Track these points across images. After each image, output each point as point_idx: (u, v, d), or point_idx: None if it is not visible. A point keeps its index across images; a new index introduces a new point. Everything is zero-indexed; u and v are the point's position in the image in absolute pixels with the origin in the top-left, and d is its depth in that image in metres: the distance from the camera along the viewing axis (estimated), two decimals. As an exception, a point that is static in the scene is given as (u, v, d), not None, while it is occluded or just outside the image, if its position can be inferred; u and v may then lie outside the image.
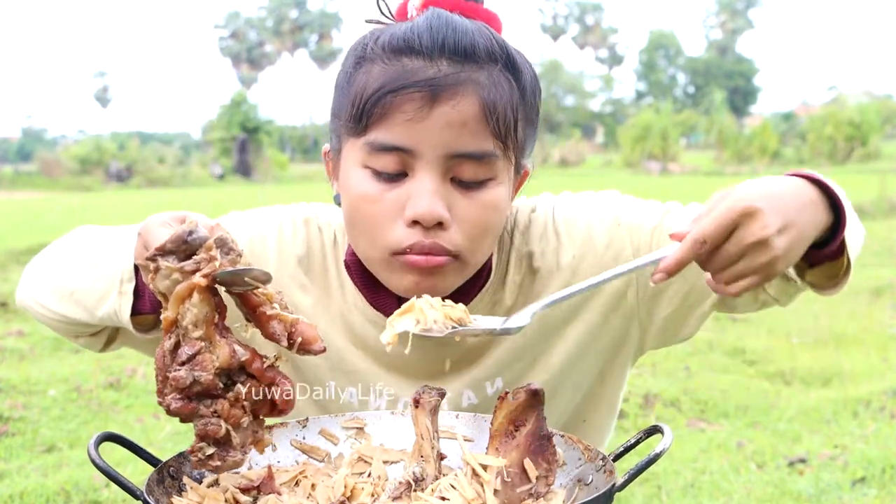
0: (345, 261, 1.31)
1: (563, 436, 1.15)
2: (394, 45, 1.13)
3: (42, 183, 28.14)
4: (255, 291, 1.01)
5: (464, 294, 1.26)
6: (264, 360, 1.04)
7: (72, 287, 1.23)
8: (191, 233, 0.98)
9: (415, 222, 1.13)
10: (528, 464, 1.05)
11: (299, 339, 1.02)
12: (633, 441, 1.15)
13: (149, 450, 1.17)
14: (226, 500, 1.07)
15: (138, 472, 3.17)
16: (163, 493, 1.06)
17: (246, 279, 0.99)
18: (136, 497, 1.04)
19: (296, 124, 51.65)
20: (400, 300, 1.20)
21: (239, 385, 1.02)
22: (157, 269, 0.98)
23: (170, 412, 0.99)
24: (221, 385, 1.01)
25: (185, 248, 0.98)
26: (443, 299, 1.09)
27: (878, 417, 3.93)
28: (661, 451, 1.03)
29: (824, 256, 1.12)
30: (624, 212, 1.31)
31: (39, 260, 1.32)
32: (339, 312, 1.31)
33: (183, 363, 0.98)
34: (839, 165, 26.39)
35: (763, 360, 4.99)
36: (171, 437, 3.85)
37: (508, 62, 1.14)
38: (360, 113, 1.13)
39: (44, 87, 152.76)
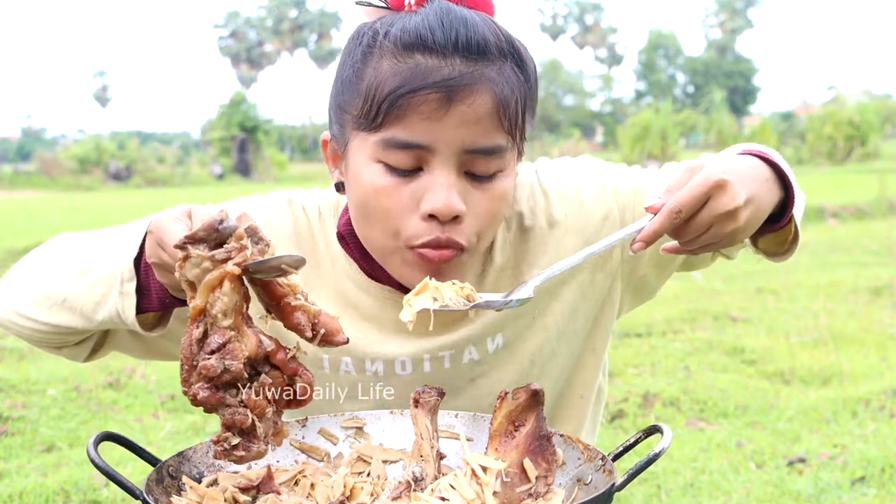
0: (338, 232, 1.33)
1: (562, 436, 1.15)
2: (405, 41, 1.13)
3: (41, 182, 28.14)
4: (279, 282, 1.01)
5: None
6: (287, 351, 1.04)
7: (63, 294, 1.21)
8: (221, 221, 0.97)
9: (431, 216, 1.15)
10: (527, 464, 1.05)
11: (322, 331, 1.02)
12: (632, 441, 1.15)
13: (148, 449, 1.17)
14: (225, 500, 1.07)
15: (137, 472, 3.17)
16: (162, 492, 1.06)
17: (282, 266, 0.99)
18: (136, 496, 1.04)
19: (295, 124, 51.77)
20: None
21: (264, 375, 1.02)
22: (186, 258, 0.97)
23: (196, 402, 0.99)
24: (246, 375, 1.01)
25: (215, 236, 0.98)
26: None
27: (877, 417, 3.93)
28: (660, 451, 1.03)
29: (774, 229, 1.22)
30: (606, 175, 1.39)
31: (17, 273, 1.30)
32: (330, 284, 1.33)
33: (213, 352, 0.98)
34: (839, 165, 26.37)
35: (762, 359, 4.99)
36: (171, 437, 3.85)
37: (516, 57, 1.17)
38: (373, 111, 1.13)
39: (43, 86, 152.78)
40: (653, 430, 1.12)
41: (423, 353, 1.31)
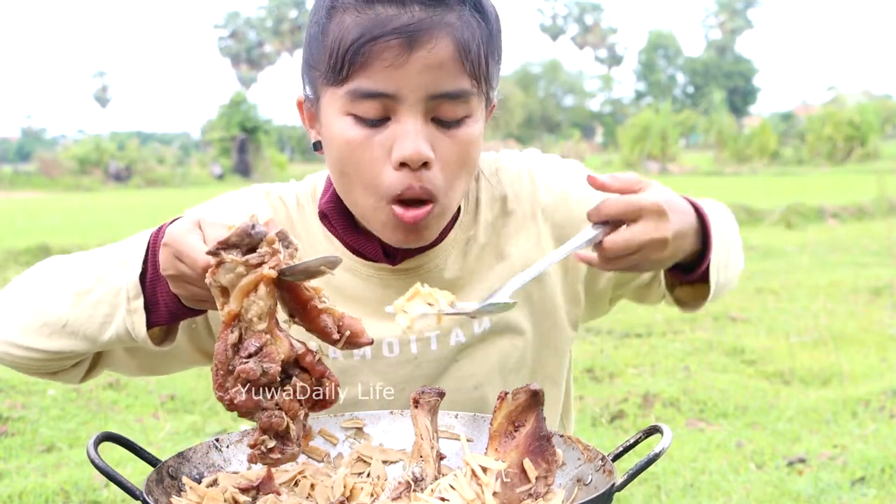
0: (320, 210, 1.35)
1: (562, 436, 1.15)
2: None
3: (41, 183, 28.15)
4: (305, 285, 1.02)
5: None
6: (315, 354, 1.05)
7: (63, 319, 1.20)
8: (253, 227, 0.99)
9: (402, 164, 1.17)
10: (527, 464, 1.05)
11: (347, 333, 1.04)
12: (632, 441, 1.15)
13: (148, 450, 1.17)
14: (225, 500, 1.07)
15: (137, 472, 3.17)
16: (162, 492, 1.06)
17: (320, 268, 1.00)
18: (136, 497, 1.04)
19: (295, 124, 51.70)
20: (381, 242, 1.29)
21: (295, 378, 1.03)
22: (220, 263, 0.98)
23: (232, 406, 1.00)
24: (279, 379, 1.02)
25: (248, 241, 0.99)
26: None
27: (877, 417, 3.93)
28: (660, 451, 1.03)
29: (689, 279, 1.29)
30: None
31: (4, 302, 1.27)
32: None
33: (250, 355, 0.99)
34: (838, 165, 26.40)
35: (762, 359, 4.99)
36: (171, 437, 3.85)
37: (475, 2, 1.19)
38: (339, 63, 1.16)
39: (43, 86, 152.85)
40: (653, 431, 1.12)
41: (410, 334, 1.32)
